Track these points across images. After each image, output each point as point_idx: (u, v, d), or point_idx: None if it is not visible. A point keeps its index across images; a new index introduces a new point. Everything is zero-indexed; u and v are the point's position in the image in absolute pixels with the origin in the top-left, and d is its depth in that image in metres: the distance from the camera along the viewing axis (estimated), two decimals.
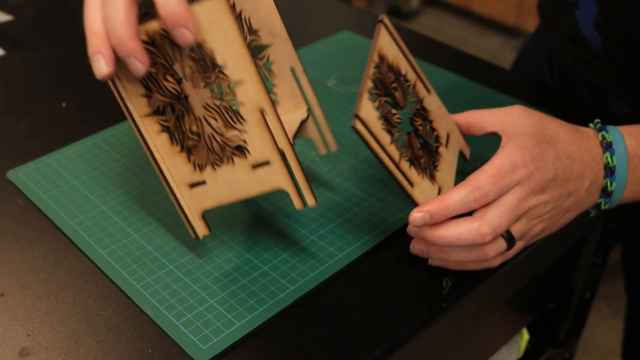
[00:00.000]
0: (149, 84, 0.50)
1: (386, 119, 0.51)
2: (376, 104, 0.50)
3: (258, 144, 0.50)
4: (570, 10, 0.73)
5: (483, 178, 0.51)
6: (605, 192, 0.56)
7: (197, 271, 0.55)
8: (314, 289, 0.54)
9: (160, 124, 0.51)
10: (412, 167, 0.52)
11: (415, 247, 0.55)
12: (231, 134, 0.50)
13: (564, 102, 0.79)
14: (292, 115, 0.59)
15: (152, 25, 0.47)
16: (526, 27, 2.65)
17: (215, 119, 0.50)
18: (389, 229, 0.59)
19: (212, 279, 0.54)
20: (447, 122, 0.58)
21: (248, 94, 0.48)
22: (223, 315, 0.51)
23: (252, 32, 0.56)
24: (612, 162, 0.55)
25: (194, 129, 0.51)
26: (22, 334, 0.50)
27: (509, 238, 0.52)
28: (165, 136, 0.52)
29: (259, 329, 0.50)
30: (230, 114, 0.49)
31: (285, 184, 0.51)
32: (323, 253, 0.57)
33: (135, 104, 0.51)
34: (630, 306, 0.90)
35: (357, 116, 0.48)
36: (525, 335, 0.80)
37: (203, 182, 0.52)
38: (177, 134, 0.52)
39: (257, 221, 0.60)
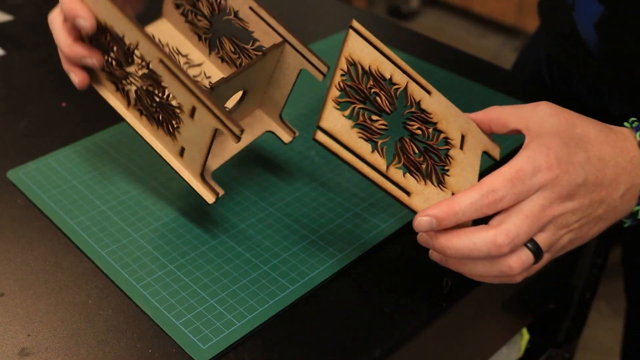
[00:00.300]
0: (114, 80, 0.57)
1: (364, 127, 0.48)
2: (347, 112, 0.48)
3: (180, 95, 0.52)
4: (567, 11, 0.73)
5: (499, 180, 0.46)
6: None
7: (197, 271, 0.55)
8: (313, 289, 0.54)
9: (138, 110, 0.56)
10: (408, 175, 0.49)
11: (434, 255, 0.51)
12: (166, 93, 0.53)
13: (563, 102, 0.79)
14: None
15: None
16: (526, 27, 2.65)
17: (151, 86, 0.54)
18: (389, 229, 0.59)
19: (212, 279, 0.54)
20: (460, 123, 0.54)
21: (147, 52, 0.52)
22: (223, 315, 0.51)
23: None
24: None
25: (149, 102, 0.55)
26: (22, 334, 0.50)
27: (536, 250, 0.47)
28: (144, 119, 0.56)
29: (259, 329, 0.50)
30: (153, 76, 0.53)
31: (215, 123, 0.51)
32: (323, 253, 0.57)
33: (117, 101, 0.57)
34: (629, 307, 0.90)
35: (319, 127, 0.45)
36: (525, 335, 0.80)
37: (182, 148, 0.55)
38: (148, 113, 0.56)
39: (257, 221, 0.60)
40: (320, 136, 0.46)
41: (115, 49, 0.55)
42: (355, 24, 0.52)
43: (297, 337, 0.50)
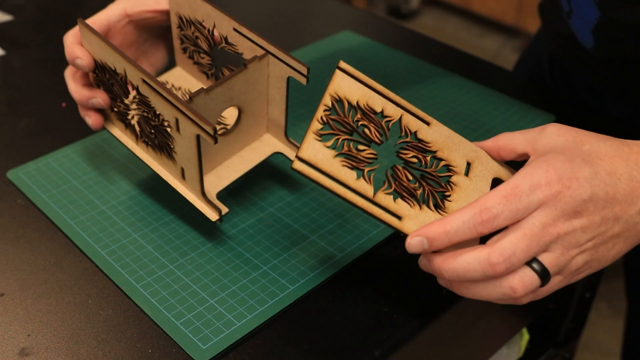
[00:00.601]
0: (121, 118, 0.60)
1: (349, 156, 0.48)
2: (330, 143, 0.48)
3: (164, 110, 0.53)
4: (564, 18, 0.73)
5: (493, 198, 0.45)
6: None
7: (197, 271, 0.55)
8: (313, 289, 0.54)
9: (144, 142, 0.59)
10: (399, 200, 0.48)
11: (441, 281, 0.49)
12: (157, 114, 0.55)
13: (564, 103, 0.79)
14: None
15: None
16: (526, 27, 2.65)
17: (145, 111, 0.56)
18: (389, 230, 0.59)
19: (212, 279, 0.54)
20: (465, 150, 0.53)
21: (133, 76, 0.54)
22: (223, 315, 0.51)
23: (227, 42, 0.60)
24: None
25: (148, 129, 0.57)
26: (22, 334, 0.50)
27: (542, 271, 0.44)
28: (150, 150, 0.59)
29: (259, 329, 0.50)
30: (143, 99, 0.55)
31: (194, 129, 0.52)
32: (323, 253, 0.57)
33: (127, 138, 0.61)
34: (630, 308, 0.90)
35: (297, 157, 0.46)
36: (525, 335, 0.80)
37: (182, 169, 0.56)
38: (151, 143, 0.58)
39: (257, 221, 0.60)
40: (298, 165, 0.46)
41: (114, 85, 0.58)
42: (343, 64, 0.52)
43: (297, 337, 0.50)
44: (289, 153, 0.61)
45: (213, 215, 0.55)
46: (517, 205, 0.44)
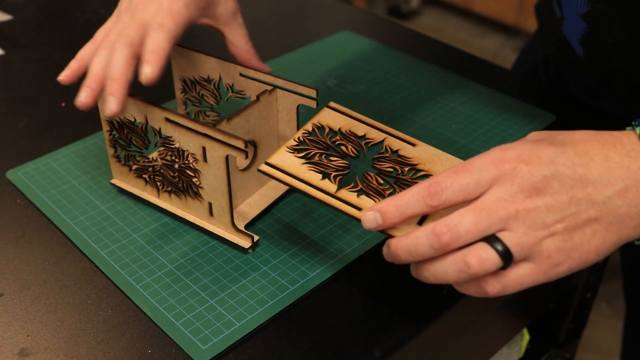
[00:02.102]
0: (141, 174, 0.60)
1: (318, 164, 0.50)
2: (301, 154, 0.51)
3: (190, 142, 0.54)
4: (557, 23, 0.73)
5: (444, 173, 0.43)
6: None
7: (197, 271, 0.55)
8: (313, 289, 0.54)
9: (166, 192, 0.60)
10: (363, 196, 0.48)
11: (412, 269, 0.47)
12: (180, 151, 0.56)
13: (564, 102, 0.79)
14: None
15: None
16: (526, 27, 2.65)
17: (168, 155, 0.57)
18: None
19: (212, 279, 0.54)
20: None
21: (154, 120, 0.56)
22: (223, 316, 0.51)
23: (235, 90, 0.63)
24: None
25: (171, 174, 0.58)
26: (21, 334, 0.50)
27: (503, 251, 0.41)
28: (174, 197, 0.59)
29: (259, 329, 0.50)
30: (166, 142, 0.56)
31: (223, 150, 0.53)
32: (323, 253, 0.57)
33: (148, 194, 0.61)
34: (628, 311, 0.90)
35: (266, 162, 0.50)
36: (525, 336, 0.80)
37: (210, 205, 0.56)
38: (174, 188, 0.59)
39: (257, 221, 0.60)
40: (265, 167, 0.50)
41: (133, 139, 0.59)
42: (333, 104, 0.56)
43: (297, 337, 0.50)
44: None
45: (245, 243, 0.56)
46: (466, 179, 0.42)
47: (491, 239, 0.42)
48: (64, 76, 0.58)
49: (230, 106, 0.64)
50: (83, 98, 0.54)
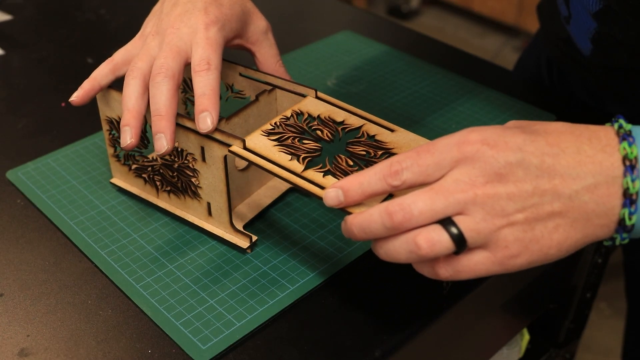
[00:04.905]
0: (140, 174, 0.60)
1: (290, 146, 0.51)
2: (274, 137, 0.52)
3: (189, 142, 0.54)
4: (563, 22, 0.73)
5: (406, 153, 0.42)
6: (628, 196, 0.40)
7: (197, 271, 0.55)
8: (314, 289, 0.54)
9: (165, 192, 0.59)
10: (329, 176, 0.48)
11: (373, 247, 0.46)
12: (180, 150, 0.56)
13: (564, 102, 0.79)
14: None
15: None
16: (526, 27, 2.65)
17: (167, 156, 0.57)
18: None
19: (212, 279, 0.54)
20: None
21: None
22: (223, 316, 0.51)
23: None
24: (632, 153, 0.40)
25: (170, 174, 0.58)
26: (21, 334, 0.50)
27: (457, 235, 0.40)
28: (173, 197, 0.59)
29: (259, 329, 0.50)
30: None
31: (221, 150, 0.53)
32: (323, 253, 0.57)
33: (148, 193, 0.61)
34: (630, 312, 0.90)
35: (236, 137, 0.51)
36: (526, 336, 0.80)
37: (209, 205, 0.56)
38: (173, 188, 0.58)
39: (257, 221, 0.60)
40: (235, 148, 0.51)
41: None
42: (320, 94, 0.57)
43: (297, 337, 0.50)
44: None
45: (244, 243, 0.56)
46: (427, 160, 0.41)
47: (446, 222, 0.41)
48: (76, 97, 0.56)
49: (230, 106, 0.64)
50: (128, 139, 0.52)
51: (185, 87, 0.66)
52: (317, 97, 0.57)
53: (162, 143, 0.51)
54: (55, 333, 0.50)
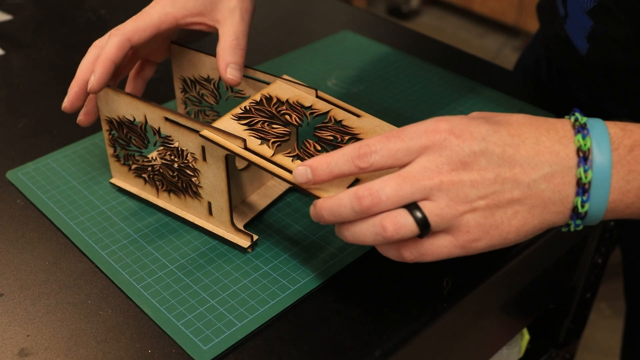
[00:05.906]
0: (140, 174, 0.61)
1: (259, 131, 0.52)
2: (244, 121, 0.53)
3: (189, 142, 0.54)
4: (560, 21, 0.73)
5: (376, 137, 0.44)
6: (581, 186, 0.42)
7: (198, 272, 0.55)
8: (314, 289, 0.54)
9: (166, 191, 0.60)
10: (297, 161, 0.49)
11: (335, 228, 0.47)
12: (180, 150, 0.56)
13: (563, 102, 0.79)
14: None
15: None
16: (526, 27, 2.65)
17: (167, 154, 0.57)
18: None
19: (213, 280, 0.54)
20: None
21: (153, 119, 0.56)
22: (224, 316, 0.51)
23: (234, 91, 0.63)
24: (586, 145, 0.42)
25: (171, 174, 0.58)
26: (21, 334, 0.50)
27: (421, 219, 0.42)
28: (173, 197, 0.59)
29: (260, 329, 0.50)
30: (165, 141, 0.56)
31: (221, 149, 0.53)
32: (324, 253, 0.57)
33: (148, 193, 0.61)
34: (629, 312, 0.90)
35: (211, 127, 0.52)
36: (525, 336, 0.80)
37: (209, 204, 0.56)
38: (174, 187, 0.59)
39: (258, 222, 0.60)
40: (206, 132, 0.52)
41: (132, 138, 0.59)
42: (286, 77, 0.58)
43: (297, 337, 0.50)
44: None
45: (245, 242, 0.56)
46: (396, 145, 0.43)
47: (411, 207, 0.43)
48: (67, 102, 0.59)
49: (230, 106, 0.64)
50: (64, 103, 0.57)
51: (184, 87, 0.66)
52: (317, 97, 0.57)
53: (91, 79, 0.55)
54: (55, 333, 0.50)
